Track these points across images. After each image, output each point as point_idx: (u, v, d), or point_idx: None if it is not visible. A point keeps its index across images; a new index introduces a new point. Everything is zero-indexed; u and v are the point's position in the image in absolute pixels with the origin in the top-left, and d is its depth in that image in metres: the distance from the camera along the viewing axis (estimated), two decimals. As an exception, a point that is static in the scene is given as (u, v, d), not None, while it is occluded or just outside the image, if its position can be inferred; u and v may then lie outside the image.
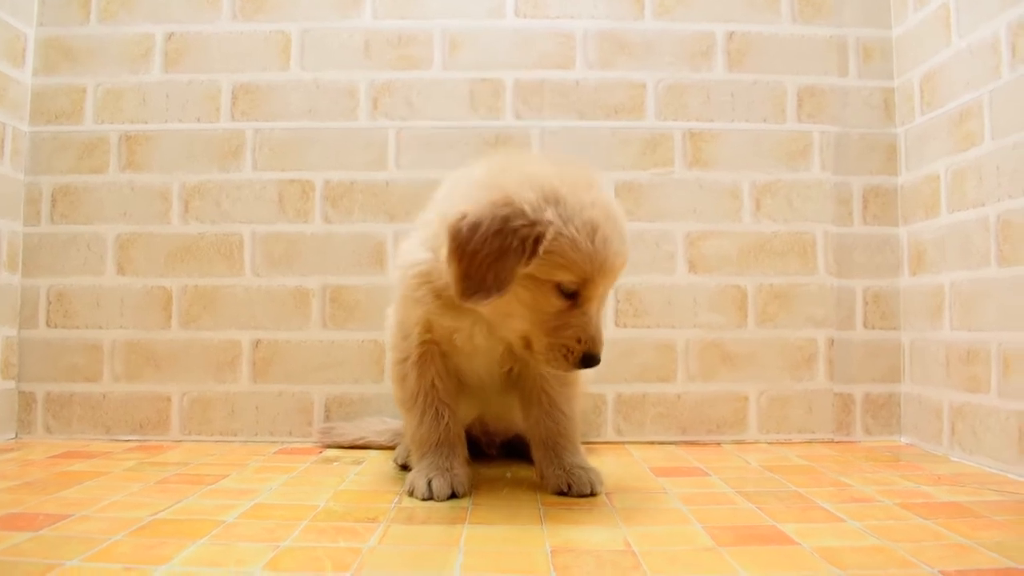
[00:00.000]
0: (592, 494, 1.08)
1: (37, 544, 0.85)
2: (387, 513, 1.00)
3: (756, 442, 1.54)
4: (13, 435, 1.55)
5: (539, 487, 1.13)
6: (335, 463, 1.35)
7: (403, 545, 0.87)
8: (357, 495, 1.11)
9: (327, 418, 1.52)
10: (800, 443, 1.53)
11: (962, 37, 1.37)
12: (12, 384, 1.55)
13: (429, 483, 1.08)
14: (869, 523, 0.95)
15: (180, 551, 0.84)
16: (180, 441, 1.53)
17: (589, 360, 0.99)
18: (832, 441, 1.55)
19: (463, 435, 1.17)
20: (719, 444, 1.53)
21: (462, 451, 1.14)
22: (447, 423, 1.13)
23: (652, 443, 1.53)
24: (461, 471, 1.11)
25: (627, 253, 1.00)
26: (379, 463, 1.34)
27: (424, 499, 1.07)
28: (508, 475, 1.25)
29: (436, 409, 1.13)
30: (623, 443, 1.53)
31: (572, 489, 1.09)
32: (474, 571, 0.78)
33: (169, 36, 1.58)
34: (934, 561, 0.80)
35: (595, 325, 1.00)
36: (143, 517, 0.97)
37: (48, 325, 1.55)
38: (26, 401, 1.55)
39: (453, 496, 1.07)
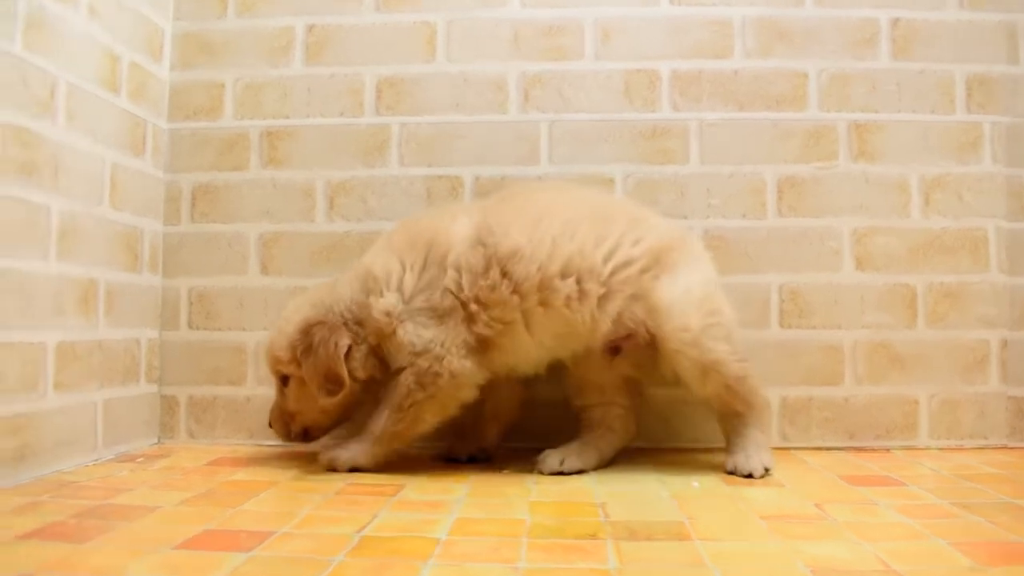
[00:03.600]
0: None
1: (259, 567, 0.75)
2: (603, 528, 0.90)
3: (927, 448, 1.40)
4: (155, 440, 1.46)
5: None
6: (504, 471, 1.23)
7: (649, 563, 0.77)
8: (557, 507, 1.00)
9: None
10: (972, 449, 1.40)
11: None
12: (154, 388, 1.45)
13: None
14: None
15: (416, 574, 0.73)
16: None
17: None
18: (1006, 447, 1.41)
19: None
20: (888, 450, 1.40)
21: None
22: None
23: (819, 449, 1.40)
24: None
25: (270, 356, 1.21)
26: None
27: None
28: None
29: None
30: (789, 449, 1.40)
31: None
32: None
33: (310, 28, 1.47)
34: None
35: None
36: (350, 534, 0.87)
37: (190, 327, 1.45)
38: (168, 405, 1.45)
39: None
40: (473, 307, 1.14)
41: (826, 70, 1.43)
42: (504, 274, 1.13)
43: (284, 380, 1.21)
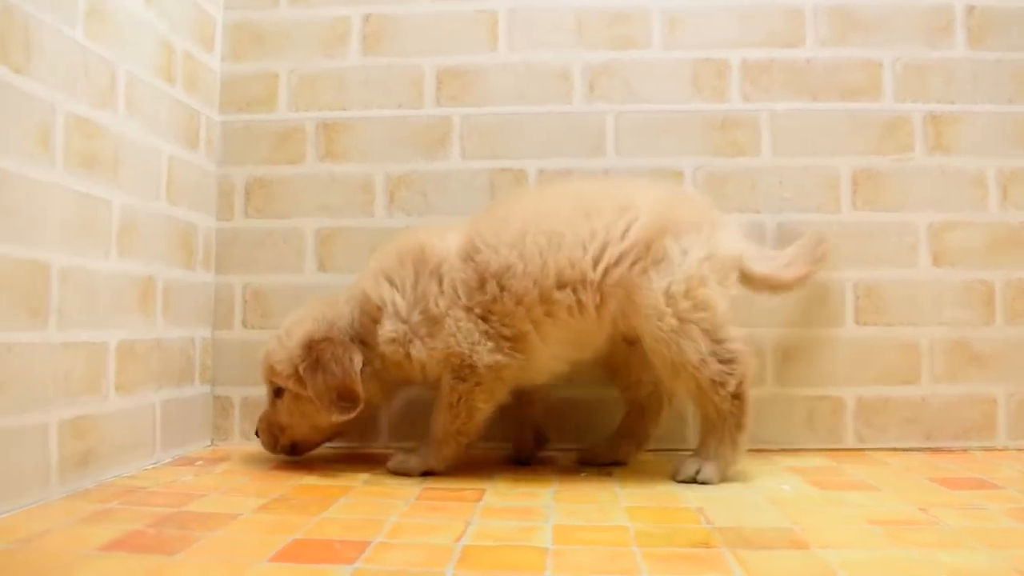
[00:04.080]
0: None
1: (369, 581, 0.70)
2: (713, 535, 0.85)
3: (1005, 449, 1.36)
4: (209, 442, 1.40)
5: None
6: (582, 473, 1.19)
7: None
8: (654, 513, 0.95)
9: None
10: (1051, 450, 1.35)
11: None
12: (207, 388, 1.40)
13: None
14: None
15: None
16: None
17: None
18: (1086, 448, 1.36)
19: None
20: (966, 451, 1.35)
21: None
22: None
23: (895, 450, 1.35)
24: None
25: (266, 366, 1.19)
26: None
27: None
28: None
29: None
30: (865, 450, 1.35)
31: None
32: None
33: (366, 18, 1.42)
34: None
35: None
36: (449, 544, 0.82)
37: (244, 326, 1.40)
38: (222, 406, 1.40)
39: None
40: (478, 311, 1.11)
41: (900, 59, 1.38)
42: (502, 288, 1.10)
43: (277, 392, 1.19)
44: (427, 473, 1.15)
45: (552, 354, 1.14)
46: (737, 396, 1.09)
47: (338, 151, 1.40)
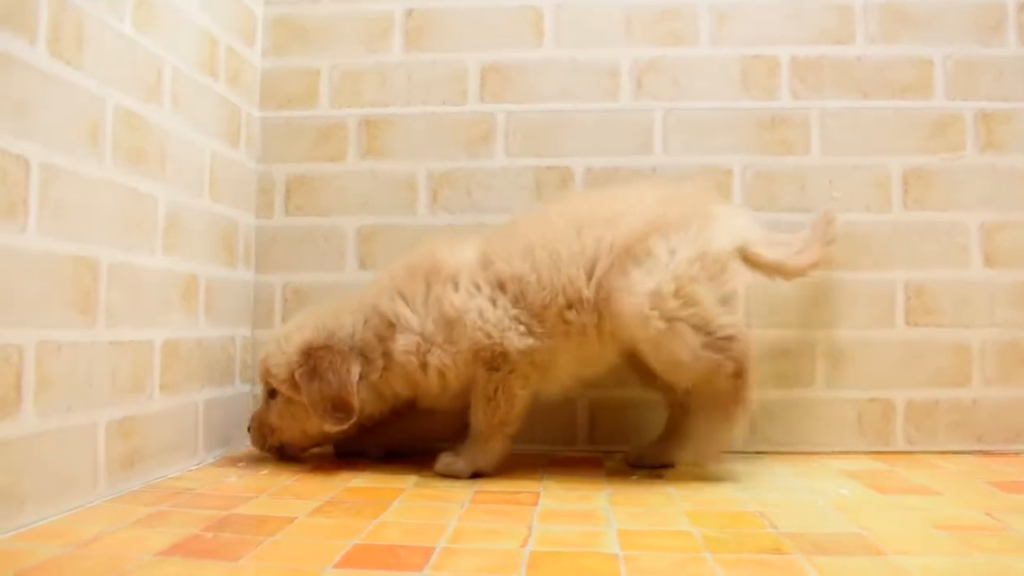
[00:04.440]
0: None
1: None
2: (782, 541, 0.82)
3: (1057, 453, 1.32)
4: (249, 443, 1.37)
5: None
6: (634, 475, 1.16)
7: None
8: (716, 517, 0.92)
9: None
10: (1103, 454, 1.32)
11: None
12: (248, 388, 1.37)
13: None
14: None
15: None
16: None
17: None
18: None
19: None
20: (1018, 454, 1.32)
21: None
22: None
23: (945, 453, 1.32)
24: None
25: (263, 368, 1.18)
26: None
27: None
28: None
29: None
30: (914, 453, 1.32)
31: None
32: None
33: (409, 13, 1.39)
34: None
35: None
36: (515, 549, 0.79)
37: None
38: (262, 406, 1.36)
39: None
40: (506, 298, 1.10)
41: (951, 56, 1.35)
42: (523, 294, 1.10)
43: (271, 393, 1.19)
44: (475, 475, 1.12)
45: (565, 368, 1.14)
46: (738, 375, 1.07)
47: (380, 148, 1.38)
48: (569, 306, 1.09)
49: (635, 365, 1.19)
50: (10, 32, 0.81)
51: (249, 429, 1.23)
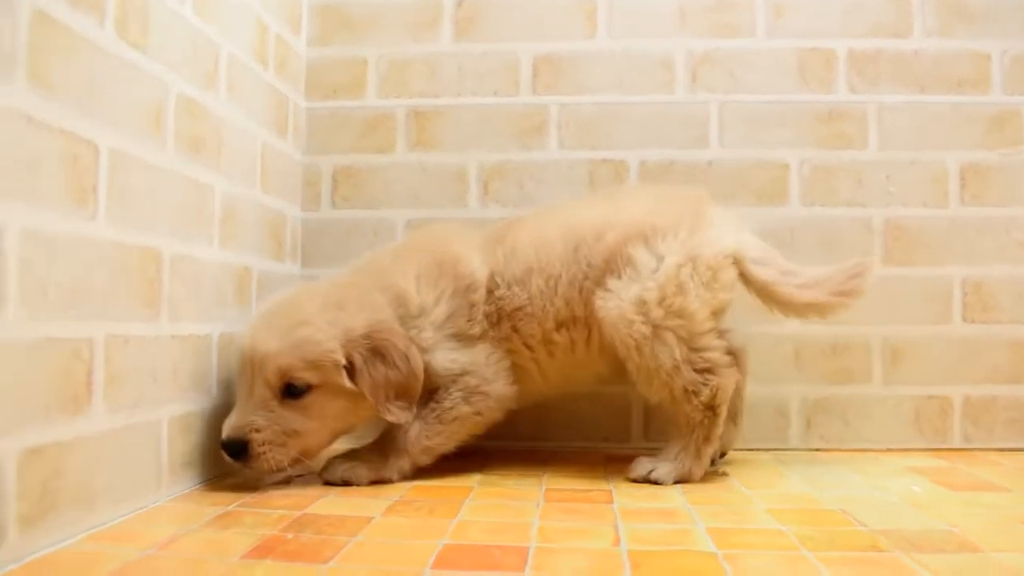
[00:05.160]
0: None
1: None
2: (876, 539, 0.79)
3: (1114, 451, 1.31)
4: (295, 440, 1.33)
5: None
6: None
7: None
8: (800, 515, 0.90)
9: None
10: None
11: None
12: (294, 384, 1.33)
13: None
14: None
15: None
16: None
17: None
18: None
19: None
20: (1075, 452, 1.30)
21: None
22: None
23: (1002, 451, 1.30)
24: None
25: (260, 347, 0.99)
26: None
27: None
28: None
29: None
30: (971, 450, 1.30)
31: None
32: None
33: (459, 2, 1.35)
34: None
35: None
36: (609, 548, 0.77)
37: (332, 319, 1.32)
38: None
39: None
40: (503, 346, 1.10)
41: (1008, 51, 1.33)
42: (515, 329, 1.09)
43: (290, 391, 0.99)
44: (377, 482, 1.04)
45: (548, 384, 1.13)
46: (710, 408, 1.03)
47: (430, 139, 1.34)
48: (558, 328, 1.09)
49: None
50: (80, 12, 0.77)
51: (244, 450, 0.98)
